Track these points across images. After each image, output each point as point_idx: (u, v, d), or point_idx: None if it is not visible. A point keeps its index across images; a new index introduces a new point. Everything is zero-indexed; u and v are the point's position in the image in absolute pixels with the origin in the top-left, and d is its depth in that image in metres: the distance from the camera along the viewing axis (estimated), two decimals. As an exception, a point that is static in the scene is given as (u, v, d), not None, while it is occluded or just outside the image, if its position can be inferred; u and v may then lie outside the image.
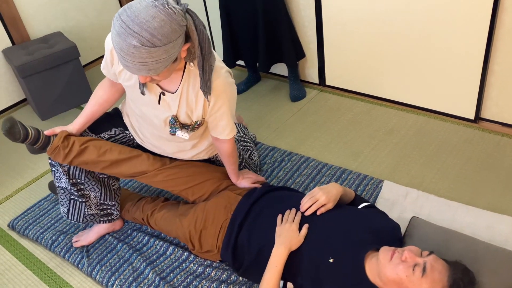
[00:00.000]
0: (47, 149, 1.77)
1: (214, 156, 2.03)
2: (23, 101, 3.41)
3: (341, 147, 2.50)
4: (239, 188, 1.92)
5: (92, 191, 1.93)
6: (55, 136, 1.78)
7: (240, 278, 1.79)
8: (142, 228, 2.10)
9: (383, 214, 1.68)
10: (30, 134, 1.71)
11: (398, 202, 2.03)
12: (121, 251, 2.00)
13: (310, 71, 3.02)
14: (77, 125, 1.84)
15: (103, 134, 1.91)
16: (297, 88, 2.95)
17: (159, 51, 1.29)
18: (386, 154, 2.39)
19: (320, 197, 1.60)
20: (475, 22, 2.19)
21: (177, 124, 1.68)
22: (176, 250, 1.94)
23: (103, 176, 1.94)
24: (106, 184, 1.96)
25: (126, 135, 1.95)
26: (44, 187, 2.53)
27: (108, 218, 2.03)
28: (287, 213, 1.64)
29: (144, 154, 1.88)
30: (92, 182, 1.91)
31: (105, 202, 1.98)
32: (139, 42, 1.26)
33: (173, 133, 1.73)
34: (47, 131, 1.78)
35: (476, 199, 2.05)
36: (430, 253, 1.35)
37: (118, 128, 1.93)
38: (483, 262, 1.54)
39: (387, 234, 1.56)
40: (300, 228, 1.57)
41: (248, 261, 1.66)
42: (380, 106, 2.76)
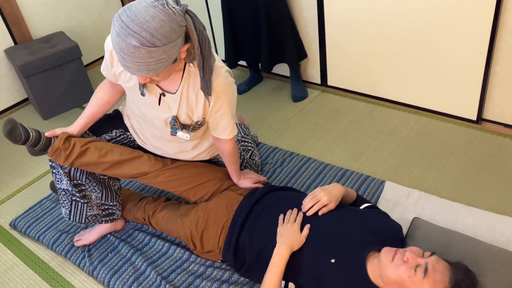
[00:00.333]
0: (48, 150, 1.76)
1: (216, 156, 2.02)
2: (25, 101, 3.41)
3: (343, 147, 2.49)
4: (240, 188, 1.92)
5: (93, 192, 1.93)
6: (56, 137, 1.78)
7: (242, 278, 1.79)
8: (143, 228, 2.10)
9: (385, 215, 1.68)
10: (31, 136, 1.71)
11: (400, 202, 2.02)
12: (122, 250, 2.00)
13: (312, 71, 3.02)
14: (78, 127, 1.84)
15: (104, 135, 1.90)
16: (299, 88, 2.95)
17: (159, 51, 1.29)
18: (388, 154, 2.39)
19: (322, 198, 1.60)
20: (478, 22, 2.19)
21: (178, 125, 1.68)
22: (178, 250, 1.94)
23: (104, 177, 1.94)
24: (106, 185, 1.96)
25: (127, 136, 1.95)
26: (46, 186, 2.53)
27: (109, 218, 2.03)
28: (288, 213, 1.63)
29: (146, 155, 1.88)
30: (93, 183, 1.91)
31: (106, 202, 1.98)
32: (139, 42, 1.26)
33: (174, 134, 1.73)
34: (48, 133, 1.77)
35: (478, 200, 2.04)
36: (432, 254, 1.35)
37: (119, 129, 1.93)
38: (484, 263, 1.54)
39: (389, 234, 1.56)
40: (301, 229, 1.57)
41: (249, 261, 1.66)
42: (382, 107, 2.75)
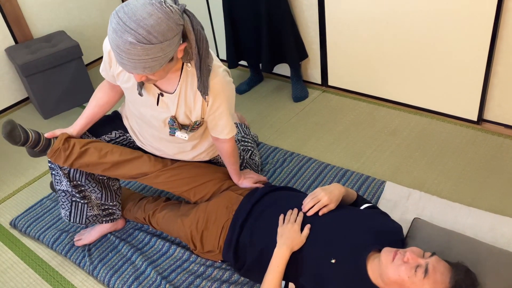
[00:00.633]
0: (47, 152, 1.75)
1: (215, 157, 2.02)
2: (25, 100, 3.41)
3: (343, 147, 2.49)
4: (240, 188, 1.92)
5: (93, 193, 1.93)
6: (55, 138, 1.77)
7: (242, 278, 1.79)
8: (144, 228, 2.10)
9: (385, 215, 1.67)
10: (30, 137, 1.70)
11: (400, 203, 2.02)
12: (122, 250, 2.00)
13: (313, 72, 3.02)
14: (78, 127, 1.83)
15: (104, 137, 1.90)
16: (299, 88, 2.95)
17: (155, 48, 1.29)
18: (389, 155, 2.39)
19: (322, 198, 1.60)
20: (479, 23, 2.19)
21: (176, 125, 1.68)
22: (178, 250, 1.94)
23: (103, 178, 1.94)
24: (106, 185, 1.96)
25: (127, 137, 1.95)
26: (46, 185, 2.53)
27: (110, 218, 2.03)
28: (289, 213, 1.63)
29: (146, 155, 1.88)
30: (93, 184, 1.90)
31: (106, 202, 1.98)
32: (135, 39, 1.26)
33: (172, 134, 1.72)
34: (47, 134, 1.77)
35: (478, 200, 2.04)
36: (432, 254, 1.35)
37: (119, 130, 1.93)
38: (485, 264, 1.54)
39: (389, 235, 1.56)
40: (302, 229, 1.57)
41: (250, 262, 1.66)
42: (383, 107, 2.75)
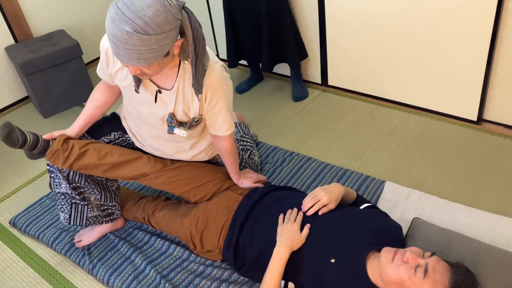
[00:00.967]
0: (46, 154, 1.73)
1: (215, 157, 2.02)
2: (25, 99, 3.41)
3: (343, 147, 2.49)
4: (240, 188, 1.92)
5: (92, 194, 1.92)
6: (54, 140, 1.75)
7: (241, 277, 1.79)
8: (143, 227, 2.10)
9: (385, 215, 1.67)
10: (28, 139, 1.68)
11: (400, 203, 2.02)
12: (122, 249, 2.00)
13: (313, 71, 3.02)
14: (76, 128, 1.82)
15: (103, 138, 1.89)
16: (299, 88, 2.95)
17: (151, 40, 1.29)
18: (388, 154, 2.39)
19: (322, 197, 1.60)
20: (479, 23, 2.19)
21: (175, 122, 1.67)
22: (177, 249, 1.94)
23: (102, 179, 1.93)
24: (105, 186, 1.95)
25: (126, 138, 1.94)
26: (46, 184, 2.53)
27: (110, 218, 2.03)
28: (288, 212, 1.63)
29: (145, 156, 1.87)
30: (92, 185, 1.89)
31: (106, 203, 1.97)
32: (132, 28, 1.26)
33: (171, 132, 1.72)
34: (45, 135, 1.75)
35: (478, 200, 2.04)
36: (432, 254, 1.35)
37: (118, 132, 1.92)
38: (485, 264, 1.54)
39: (389, 235, 1.56)
40: (301, 228, 1.57)
41: (249, 261, 1.66)
42: (383, 107, 2.75)
